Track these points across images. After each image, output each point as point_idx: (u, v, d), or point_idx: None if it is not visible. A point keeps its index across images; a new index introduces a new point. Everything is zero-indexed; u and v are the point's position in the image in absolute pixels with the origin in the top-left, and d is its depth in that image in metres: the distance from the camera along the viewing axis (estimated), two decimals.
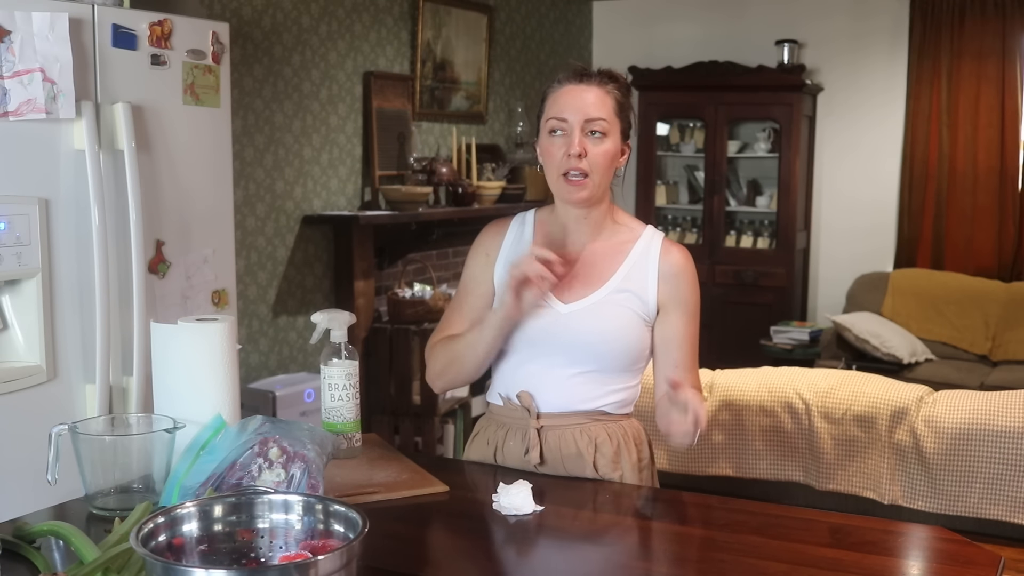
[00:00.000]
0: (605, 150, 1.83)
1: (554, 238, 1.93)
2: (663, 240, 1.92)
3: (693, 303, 1.90)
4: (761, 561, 1.46)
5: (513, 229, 1.98)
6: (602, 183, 1.85)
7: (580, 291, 1.87)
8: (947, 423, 3.67)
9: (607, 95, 1.84)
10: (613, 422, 1.90)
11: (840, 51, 6.26)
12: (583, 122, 1.81)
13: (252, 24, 4.14)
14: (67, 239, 2.52)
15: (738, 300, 6.21)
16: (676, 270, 1.88)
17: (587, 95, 1.83)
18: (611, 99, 1.84)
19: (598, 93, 1.83)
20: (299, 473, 1.56)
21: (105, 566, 1.29)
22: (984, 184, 5.91)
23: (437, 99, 5.36)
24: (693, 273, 1.91)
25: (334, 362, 1.90)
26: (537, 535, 1.60)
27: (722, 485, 3.96)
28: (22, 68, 2.37)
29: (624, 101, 1.88)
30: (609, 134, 1.83)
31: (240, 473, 1.56)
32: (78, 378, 2.57)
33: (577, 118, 1.81)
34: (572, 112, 1.82)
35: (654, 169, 6.53)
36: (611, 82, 1.87)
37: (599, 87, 1.84)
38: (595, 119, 1.81)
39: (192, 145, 2.85)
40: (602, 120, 1.82)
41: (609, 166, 1.85)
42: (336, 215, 4.48)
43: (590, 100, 1.82)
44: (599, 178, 1.83)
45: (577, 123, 1.81)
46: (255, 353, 4.25)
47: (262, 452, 1.59)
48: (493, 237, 1.99)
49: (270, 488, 1.53)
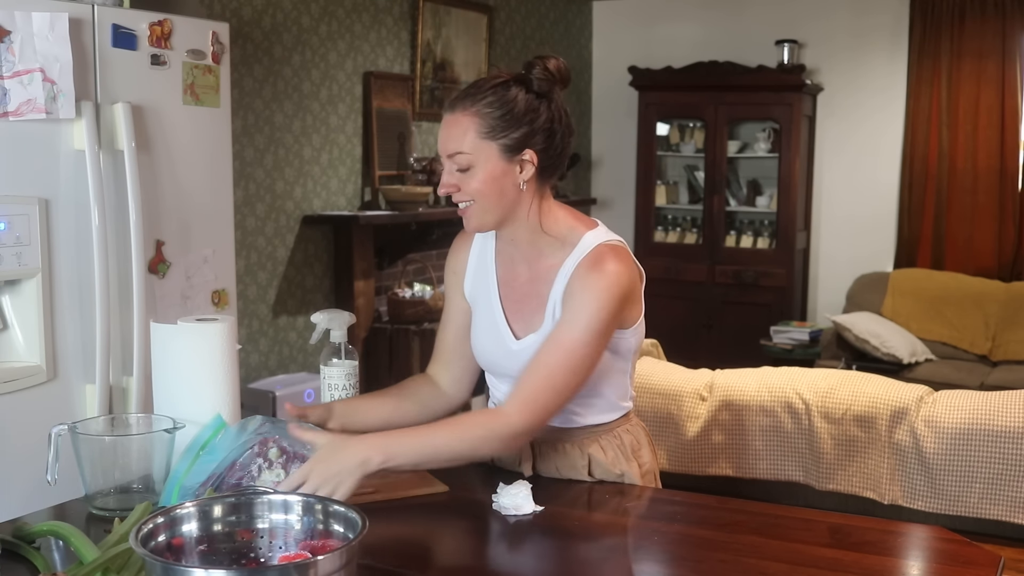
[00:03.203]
0: (477, 179, 1.69)
1: (509, 258, 1.85)
2: (597, 246, 1.73)
3: (580, 313, 1.67)
4: (761, 561, 1.46)
5: (477, 242, 1.90)
6: (490, 208, 1.72)
7: (529, 322, 1.80)
8: (947, 423, 3.67)
9: (474, 118, 1.68)
10: (607, 432, 1.86)
11: (840, 51, 6.26)
12: (446, 158, 1.72)
13: (252, 24, 4.14)
14: (67, 239, 2.52)
15: (738, 300, 6.21)
16: (577, 272, 1.72)
17: (450, 127, 1.71)
18: (478, 121, 1.68)
19: (464, 122, 1.69)
20: None
21: (105, 566, 1.29)
22: (984, 184, 5.91)
23: (437, 99, 5.36)
24: (603, 282, 1.68)
25: (334, 362, 1.90)
26: (537, 535, 1.60)
27: (722, 485, 3.96)
28: (22, 68, 2.37)
29: (501, 113, 1.68)
30: (477, 163, 1.69)
31: (240, 473, 1.56)
32: (78, 378, 2.57)
33: (443, 152, 1.73)
34: (440, 147, 1.74)
35: (654, 169, 6.53)
36: (483, 97, 1.69)
37: (464, 113, 1.69)
38: (454, 154, 1.70)
39: (192, 145, 2.85)
40: (461, 154, 1.69)
41: (491, 191, 1.70)
42: (336, 215, 4.49)
43: (451, 133, 1.71)
44: (482, 204, 1.71)
45: (445, 158, 1.73)
46: (255, 353, 4.25)
47: (262, 452, 1.59)
48: (459, 254, 1.93)
49: (270, 488, 1.53)
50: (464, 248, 1.93)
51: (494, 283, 1.85)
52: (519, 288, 1.82)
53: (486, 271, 1.87)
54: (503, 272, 1.85)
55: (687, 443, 3.98)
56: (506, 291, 1.84)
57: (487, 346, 1.84)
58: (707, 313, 6.21)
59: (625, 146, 6.58)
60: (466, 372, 1.94)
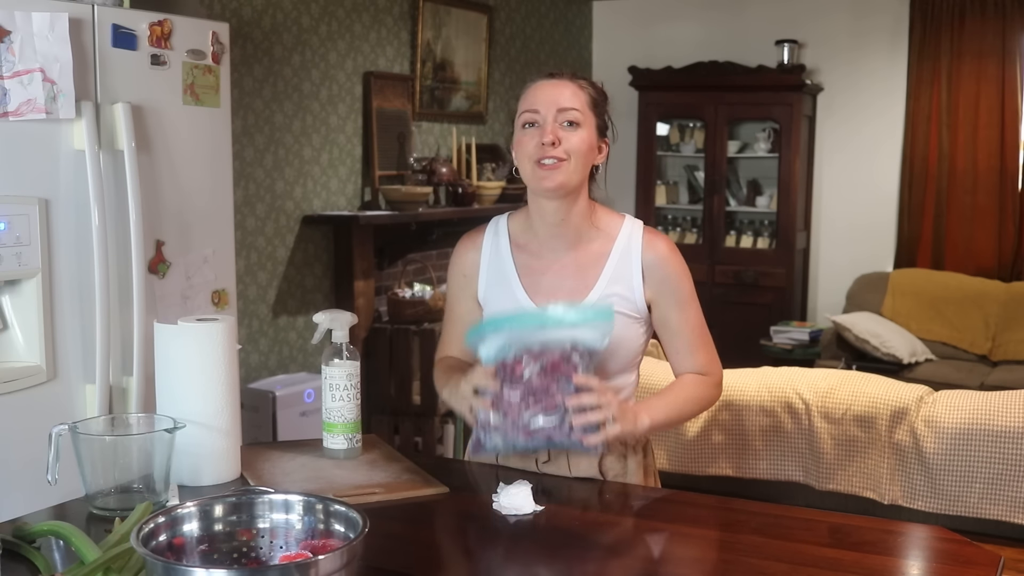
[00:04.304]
0: (581, 137, 1.79)
1: (531, 251, 1.89)
2: (643, 232, 1.88)
3: (685, 290, 1.89)
4: (761, 561, 1.46)
5: (488, 242, 1.93)
6: (579, 170, 1.80)
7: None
8: (947, 423, 3.67)
9: (580, 89, 1.82)
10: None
11: (840, 51, 6.26)
12: (556, 112, 1.78)
13: (252, 24, 4.14)
14: (67, 239, 2.52)
15: (738, 300, 6.21)
16: (659, 263, 1.85)
17: (559, 87, 1.81)
18: (585, 93, 1.82)
19: (571, 87, 1.81)
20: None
21: (105, 566, 1.29)
22: (984, 184, 5.91)
23: (437, 99, 5.36)
24: (677, 260, 1.88)
25: (336, 362, 1.90)
26: (537, 535, 1.60)
27: (722, 485, 3.96)
28: (22, 68, 2.37)
29: (599, 99, 1.85)
30: (583, 124, 1.80)
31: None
32: (78, 378, 2.57)
33: (550, 109, 1.78)
34: (544, 104, 1.79)
35: (654, 169, 6.53)
36: (585, 81, 1.85)
37: (572, 81, 1.82)
38: (567, 108, 1.78)
39: (192, 145, 2.85)
40: (575, 110, 1.79)
41: (586, 154, 1.81)
42: (336, 215, 4.48)
43: (563, 92, 1.80)
44: (575, 163, 1.79)
45: (550, 114, 1.78)
46: (255, 353, 4.25)
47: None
48: (467, 255, 1.95)
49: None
50: (472, 251, 1.94)
51: (515, 277, 1.88)
52: (552, 275, 1.86)
53: (502, 270, 1.89)
54: (524, 264, 1.89)
55: (687, 443, 3.98)
56: (530, 281, 1.87)
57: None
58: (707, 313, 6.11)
59: (625, 146, 6.58)
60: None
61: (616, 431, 1.70)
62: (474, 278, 1.93)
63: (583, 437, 1.67)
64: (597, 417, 1.67)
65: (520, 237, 1.91)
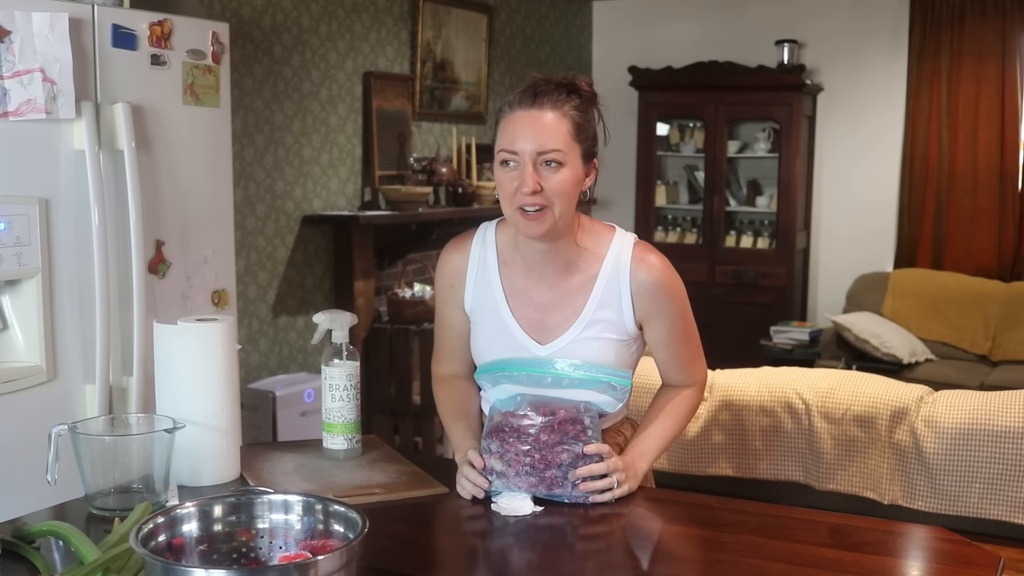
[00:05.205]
0: (563, 179, 1.67)
1: (518, 270, 1.83)
2: (632, 249, 1.79)
3: (676, 308, 1.81)
4: (761, 561, 1.46)
5: (475, 252, 1.86)
6: (564, 213, 1.70)
7: (555, 329, 1.80)
8: (947, 423, 3.67)
9: (563, 118, 1.67)
10: (613, 431, 1.89)
11: (840, 51, 6.26)
12: (535, 154, 1.66)
13: (252, 24, 4.14)
14: (67, 239, 2.52)
15: (738, 300, 6.21)
16: (649, 286, 1.78)
17: (539, 123, 1.66)
18: (567, 122, 1.68)
19: (552, 118, 1.67)
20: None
21: (105, 566, 1.29)
22: (984, 184, 5.91)
23: (437, 99, 5.36)
24: (668, 278, 1.79)
25: (336, 363, 1.89)
26: (536, 535, 1.60)
27: (722, 485, 3.96)
28: (22, 68, 2.37)
29: (583, 120, 1.71)
30: (566, 163, 1.67)
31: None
32: (78, 378, 2.57)
33: (529, 150, 1.66)
34: (524, 143, 1.66)
35: (654, 169, 6.53)
36: (569, 99, 1.69)
37: (553, 109, 1.67)
38: (548, 151, 1.66)
39: (192, 145, 2.85)
40: (556, 151, 1.66)
41: (571, 193, 1.69)
42: (336, 215, 4.48)
43: (542, 129, 1.66)
44: (560, 208, 1.68)
45: (529, 156, 1.66)
46: (255, 353, 4.25)
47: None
48: (454, 265, 1.88)
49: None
50: (459, 260, 1.88)
51: (501, 296, 1.83)
52: (539, 300, 1.81)
53: (489, 285, 1.84)
54: (511, 284, 1.83)
55: (687, 443, 3.98)
56: (517, 303, 1.82)
57: (502, 353, 1.82)
58: (707, 313, 6.19)
59: (625, 146, 6.58)
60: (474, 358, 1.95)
61: (623, 492, 1.73)
62: (461, 288, 1.88)
63: (591, 497, 1.70)
64: (605, 484, 1.71)
65: (507, 253, 1.84)
